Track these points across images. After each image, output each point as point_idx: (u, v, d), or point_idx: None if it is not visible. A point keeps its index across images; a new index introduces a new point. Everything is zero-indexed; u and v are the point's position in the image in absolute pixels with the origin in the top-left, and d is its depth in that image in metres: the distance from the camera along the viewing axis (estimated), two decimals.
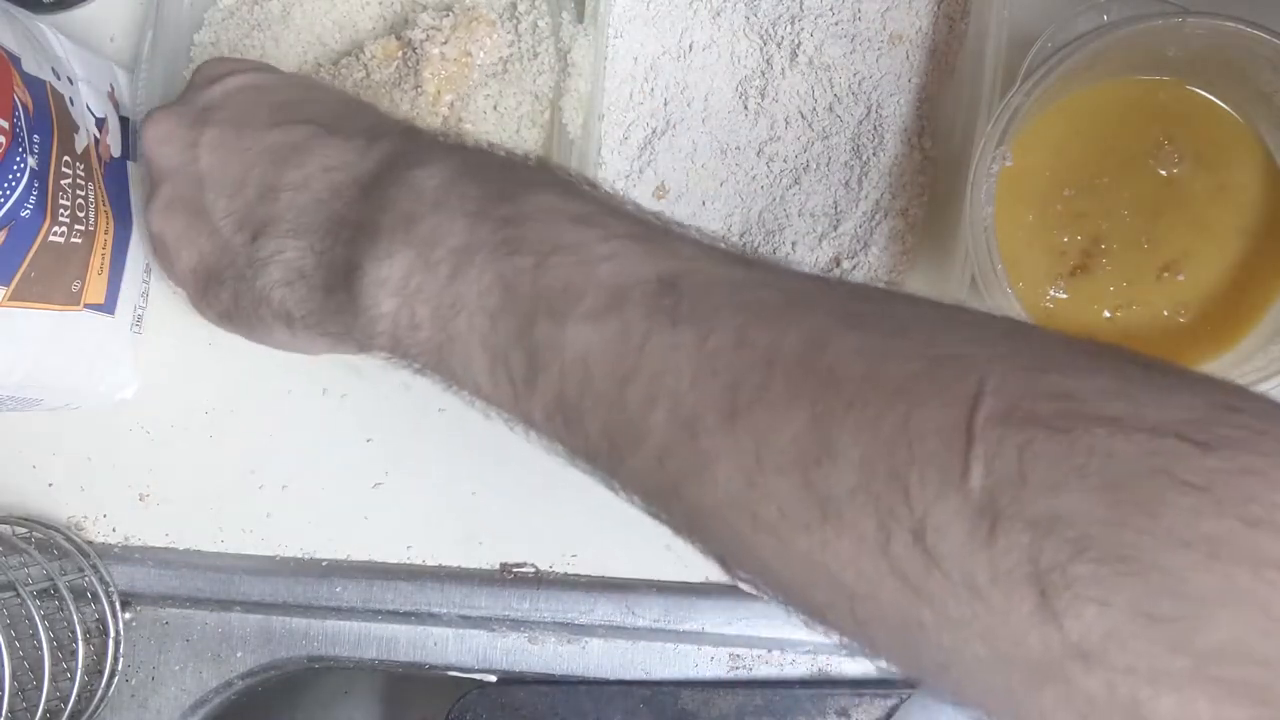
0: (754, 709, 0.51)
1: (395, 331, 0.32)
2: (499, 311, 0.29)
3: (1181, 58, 0.46)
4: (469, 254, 0.30)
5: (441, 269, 0.30)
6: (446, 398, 0.56)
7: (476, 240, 0.30)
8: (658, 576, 0.53)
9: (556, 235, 0.29)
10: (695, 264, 0.29)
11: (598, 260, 0.29)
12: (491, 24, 0.49)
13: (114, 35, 0.57)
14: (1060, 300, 0.48)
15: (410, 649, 0.54)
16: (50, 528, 0.55)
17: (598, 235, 0.29)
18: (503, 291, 0.29)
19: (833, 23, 0.50)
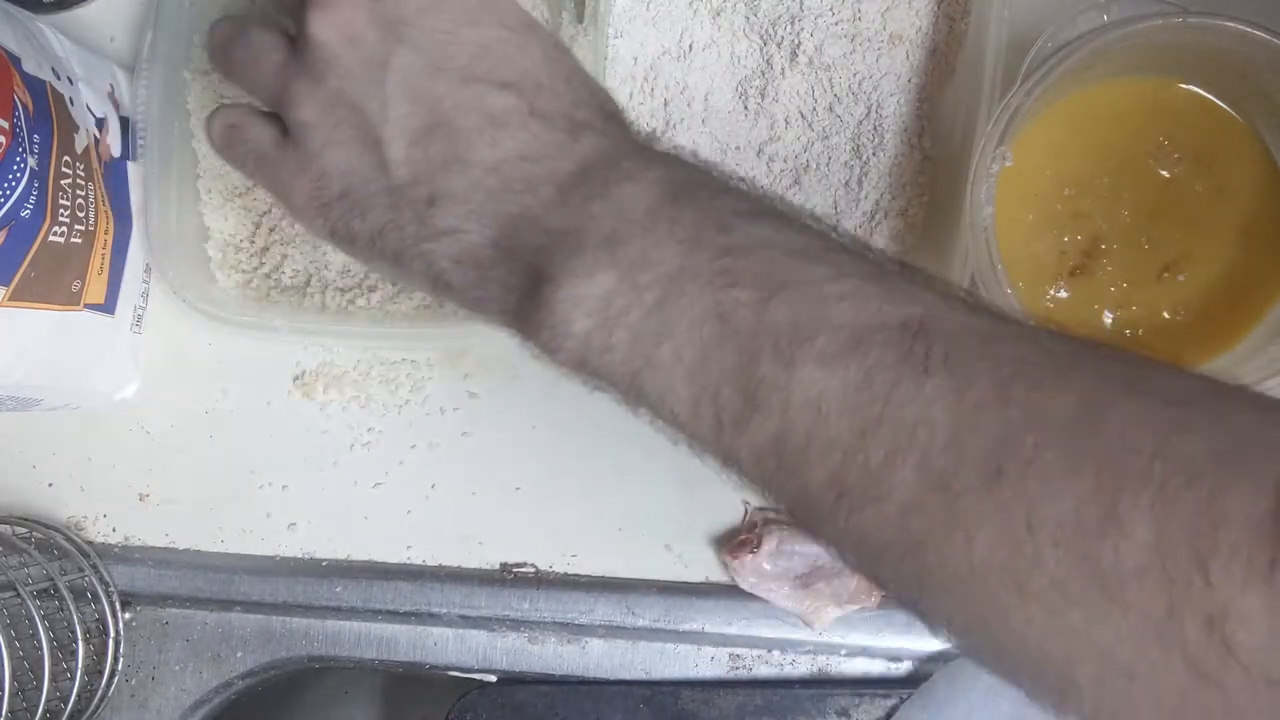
0: (754, 709, 0.51)
1: (584, 351, 0.30)
2: (713, 345, 0.28)
3: (1181, 58, 0.46)
4: (680, 281, 0.28)
5: (648, 295, 0.29)
6: (447, 398, 0.56)
7: (690, 268, 0.28)
8: (658, 576, 0.53)
9: (782, 270, 0.28)
10: (938, 309, 0.27)
11: (831, 299, 0.27)
12: None
13: (114, 35, 0.57)
14: (1060, 300, 0.48)
15: (410, 649, 0.54)
16: (50, 528, 0.55)
17: (827, 273, 0.28)
18: (719, 324, 0.28)
19: (833, 23, 0.50)
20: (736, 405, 0.28)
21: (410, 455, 0.55)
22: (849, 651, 0.51)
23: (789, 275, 0.28)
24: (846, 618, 0.50)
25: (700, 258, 0.29)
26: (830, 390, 0.26)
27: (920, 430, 0.25)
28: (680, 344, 0.28)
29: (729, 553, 0.51)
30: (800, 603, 0.50)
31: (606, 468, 0.53)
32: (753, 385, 0.27)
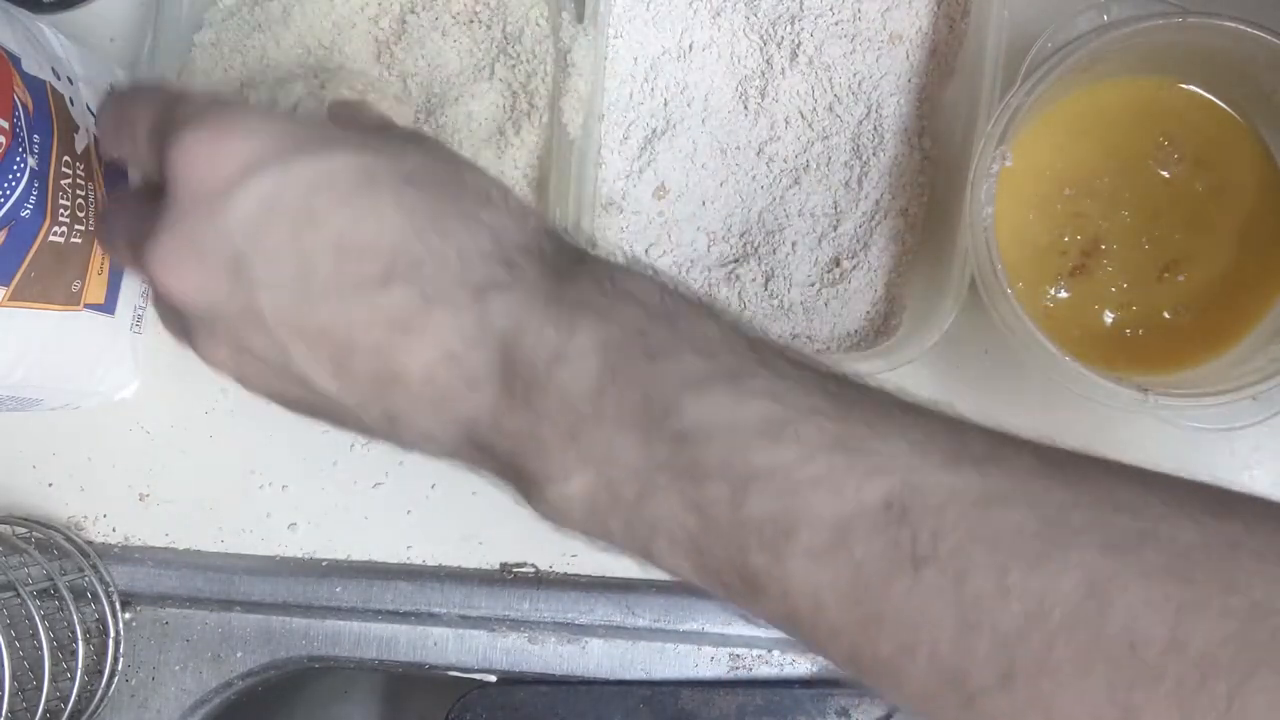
0: (754, 709, 0.51)
1: (589, 535, 0.30)
2: (701, 537, 0.27)
3: (1181, 58, 0.46)
4: (650, 475, 0.27)
5: (625, 490, 0.27)
6: None
7: (654, 461, 0.27)
8: (658, 576, 0.53)
9: (745, 458, 0.26)
10: (916, 474, 0.25)
11: (805, 486, 0.25)
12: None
13: (114, 35, 0.57)
14: (1060, 300, 0.48)
15: (410, 649, 0.54)
16: (50, 528, 0.55)
17: (795, 455, 0.25)
18: (700, 520, 0.27)
19: (833, 23, 0.50)
20: (741, 588, 0.27)
21: (410, 455, 0.54)
22: None
23: (755, 463, 0.26)
24: None
25: (659, 450, 0.27)
26: (824, 585, 0.25)
27: (924, 628, 0.24)
28: (673, 536, 0.27)
29: None
30: None
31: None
32: (749, 573, 0.26)
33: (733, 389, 0.26)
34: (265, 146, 0.28)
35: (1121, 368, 0.47)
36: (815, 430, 0.26)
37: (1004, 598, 0.24)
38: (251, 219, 0.28)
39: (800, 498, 0.25)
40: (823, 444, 0.25)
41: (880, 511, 0.25)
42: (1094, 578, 0.23)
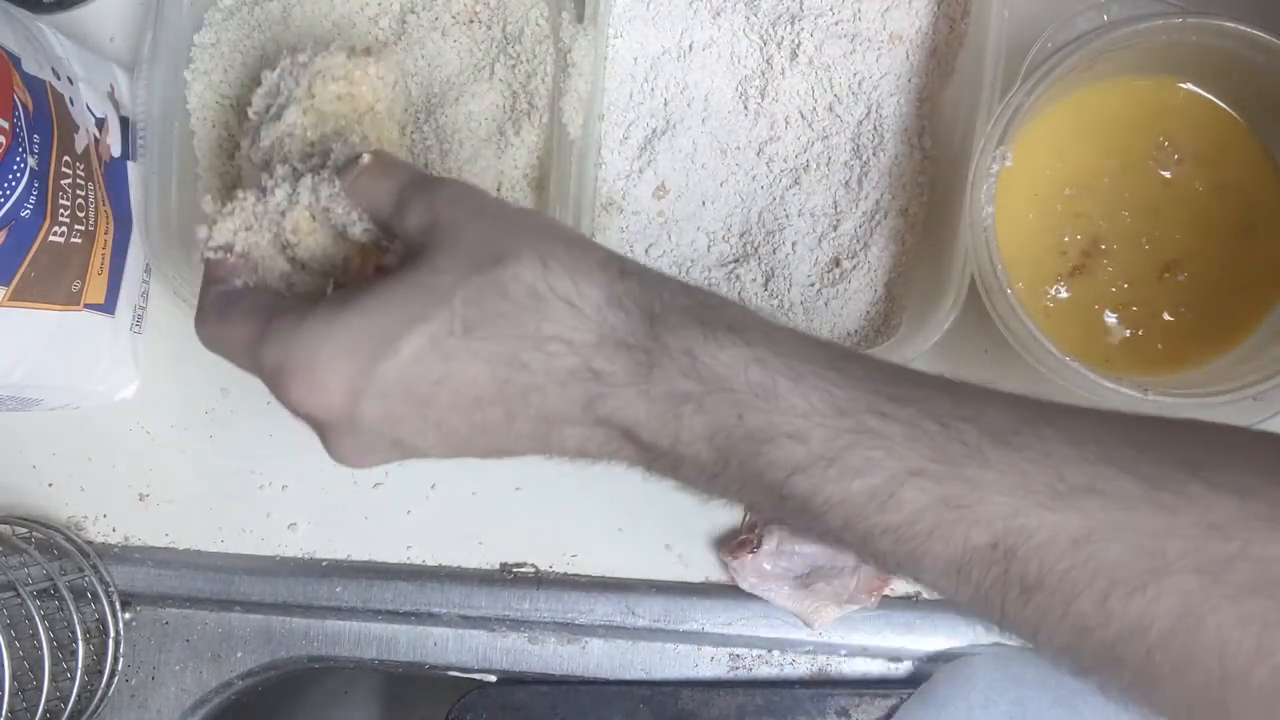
0: (754, 709, 0.51)
1: None
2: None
3: (1181, 58, 0.46)
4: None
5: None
6: None
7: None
8: (658, 576, 0.53)
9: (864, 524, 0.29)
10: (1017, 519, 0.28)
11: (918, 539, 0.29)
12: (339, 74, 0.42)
13: (114, 35, 0.57)
14: (1060, 300, 0.48)
15: (410, 649, 0.54)
16: (50, 528, 0.55)
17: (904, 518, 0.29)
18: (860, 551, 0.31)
19: (833, 23, 0.50)
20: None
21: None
22: (849, 651, 0.51)
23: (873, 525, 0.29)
24: (846, 618, 0.50)
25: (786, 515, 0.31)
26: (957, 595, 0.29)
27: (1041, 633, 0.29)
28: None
29: (729, 553, 0.51)
30: (800, 603, 0.50)
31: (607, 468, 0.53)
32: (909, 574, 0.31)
33: (835, 472, 0.29)
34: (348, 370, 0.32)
35: (1121, 368, 0.47)
36: (917, 493, 0.28)
37: (1107, 619, 0.27)
38: (381, 420, 0.32)
39: (917, 545, 0.29)
40: (929, 506, 0.28)
41: (988, 551, 0.28)
42: (1189, 601, 0.26)
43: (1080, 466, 0.28)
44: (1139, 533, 0.27)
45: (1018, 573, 0.28)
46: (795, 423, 0.29)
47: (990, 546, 0.28)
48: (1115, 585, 0.27)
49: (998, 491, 0.28)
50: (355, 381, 0.31)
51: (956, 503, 0.28)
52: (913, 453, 0.29)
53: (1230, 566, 0.26)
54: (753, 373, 0.30)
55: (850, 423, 0.29)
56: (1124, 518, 0.27)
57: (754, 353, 0.30)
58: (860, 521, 0.29)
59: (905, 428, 0.29)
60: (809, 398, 0.29)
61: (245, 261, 0.38)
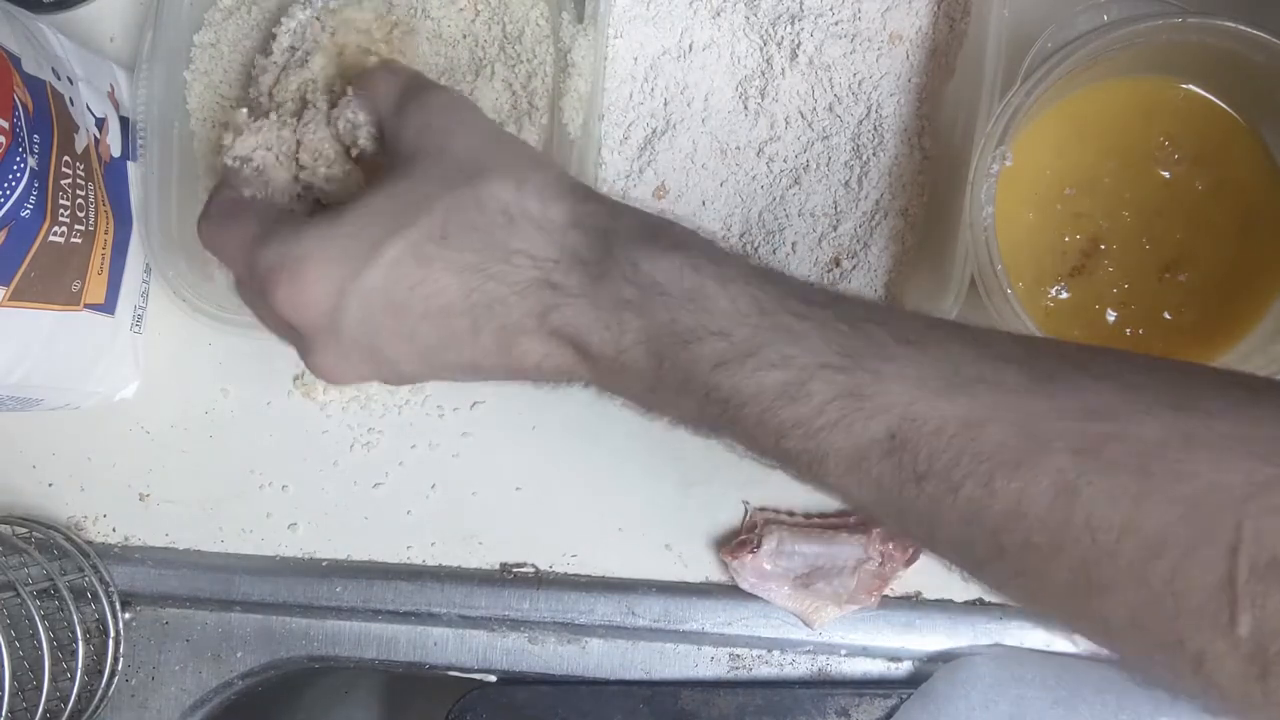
0: (754, 709, 0.51)
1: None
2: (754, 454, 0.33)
3: (1181, 58, 0.46)
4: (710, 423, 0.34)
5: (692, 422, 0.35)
6: (447, 398, 0.56)
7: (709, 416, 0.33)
8: (658, 576, 0.53)
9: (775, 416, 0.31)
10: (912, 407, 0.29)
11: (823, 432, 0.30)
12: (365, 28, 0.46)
13: (114, 35, 0.57)
14: (1060, 300, 0.48)
15: (410, 649, 0.54)
16: (50, 528, 0.55)
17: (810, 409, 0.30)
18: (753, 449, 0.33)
19: (833, 23, 0.50)
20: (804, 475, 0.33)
21: (410, 455, 0.55)
22: (849, 651, 0.51)
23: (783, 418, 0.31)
24: (846, 618, 0.50)
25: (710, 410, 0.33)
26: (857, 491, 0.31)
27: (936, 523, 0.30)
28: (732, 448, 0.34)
29: (729, 553, 0.51)
30: (800, 603, 0.50)
31: (606, 468, 0.53)
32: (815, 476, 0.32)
33: (753, 364, 0.31)
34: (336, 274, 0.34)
35: None
36: (825, 385, 0.30)
37: (990, 500, 0.28)
38: (361, 325, 0.35)
39: (822, 438, 0.30)
40: (834, 396, 0.30)
41: (885, 441, 0.30)
42: (1064, 479, 0.27)
43: (975, 362, 0.30)
44: (1022, 413, 0.28)
45: (910, 461, 0.29)
46: (720, 321, 0.32)
47: (888, 437, 0.29)
48: (998, 466, 0.28)
49: (896, 382, 0.30)
50: (341, 284, 0.34)
51: (859, 392, 0.30)
52: (824, 347, 0.31)
53: (1104, 445, 0.27)
54: (686, 277, 0.32)
55: (770, 321, 0.31)
56: (1009, 400, 0.29)
57: (691, 260, 0.33)
58: (772, 417, 0.31)
59: (819, 327, 0.31)
60: (735, 300, 0.32)
61: (258, 175, 0.41)
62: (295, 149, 0.41)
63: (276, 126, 0.41)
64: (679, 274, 0.32)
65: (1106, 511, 0.27)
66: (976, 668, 0.49)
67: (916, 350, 0.30)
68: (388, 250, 0.34)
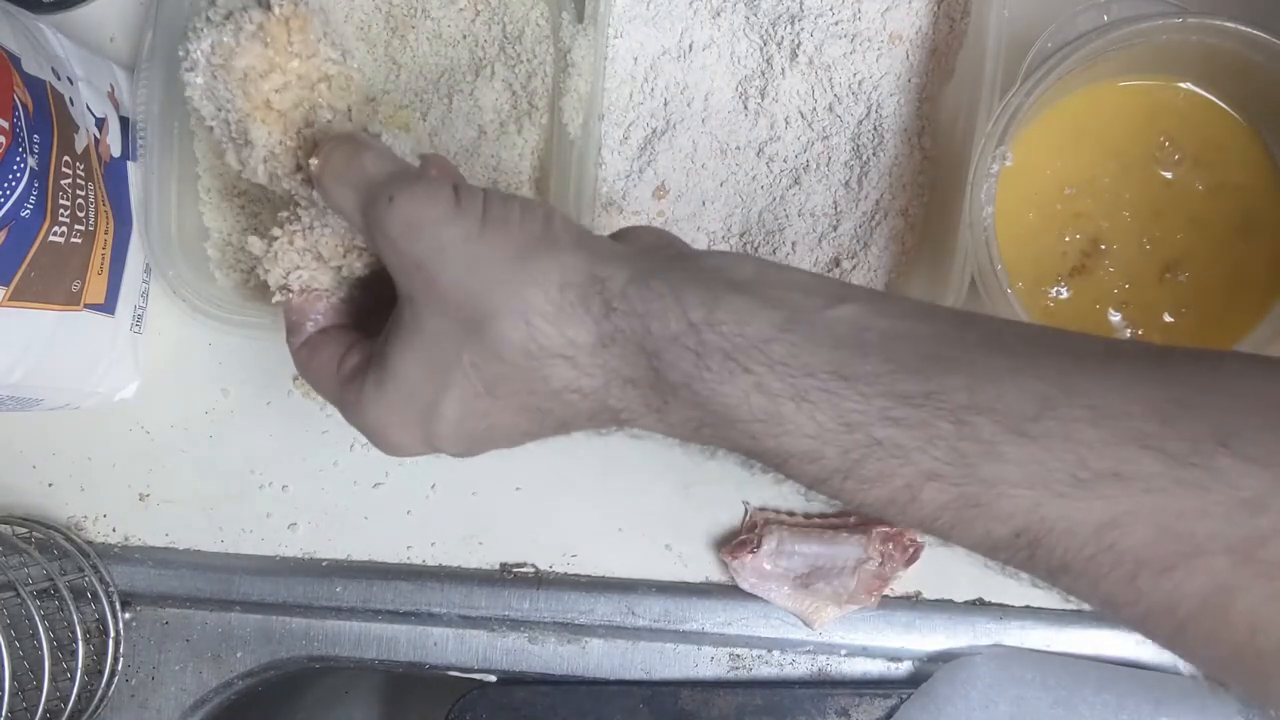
0: (754, 709, 0.51)
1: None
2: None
3: (1181, 58, 0.46)
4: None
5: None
6: None
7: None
8: (658, 576, 0.53)
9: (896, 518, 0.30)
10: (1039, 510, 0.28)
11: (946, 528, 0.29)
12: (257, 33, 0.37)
13: (114, 35, 0.57)
14: (1061, 300, 0.48)
15: (410, 649, 0.54)
16: (50, 528, 0.55)
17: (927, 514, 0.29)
18: None
19: (833, 23, 0.50)
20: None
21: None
22: (849, 651, 0.51)
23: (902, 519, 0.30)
24: (846, 618, 0.50)
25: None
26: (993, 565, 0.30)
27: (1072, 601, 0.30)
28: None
29: (729, 553, 0.51)
30: (800, 603, 0.50)
31: (606, 468, 0.53)
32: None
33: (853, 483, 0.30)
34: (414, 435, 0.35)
35: None
36: (936, 494, 0.29)
37: (1135, 597, 0.27)
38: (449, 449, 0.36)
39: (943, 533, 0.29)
40: (948, 504, 0.29)
41: (1012, 539, 0.28)
42: (1219, 580, 0.26)
43: (1102, 450, 0.27)
44: (1165, 514, 0.27)
45: (1043, 559, 0.28)
46: (805, 443, 0.29)
47: (1014, 536, 0.28)
48: (1142, 567, 0.27)
49: (1015, 486, 0.28)
50: (422, 440, 0.35)
51: (974, 501, 0.28)
52: (927, 458, 0.28)
53: (1261, 544, 0.26)
54: (755, 401, 0.30)
55: (861, 436, 0.29)
56: (1149, 501, 0.27)
57: (753, 380, 0.30)
58: (886, 516, 0.30)
59: (917, 432, 0.28)
60: (815, 417, 0.29)
61: (309, 295, 0.39)
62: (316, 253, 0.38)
63: (289, 241, 0.38)
64: (746, 399, 0.30)
65: (1266, 614, 0.26)
66: (976, 668, 0.49)
67: (1032, 444, 0.27)
68: (446, 409, 0.34)
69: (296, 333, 0.40)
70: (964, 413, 0.28)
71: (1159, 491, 0.27)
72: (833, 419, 0.29)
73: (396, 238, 0.33)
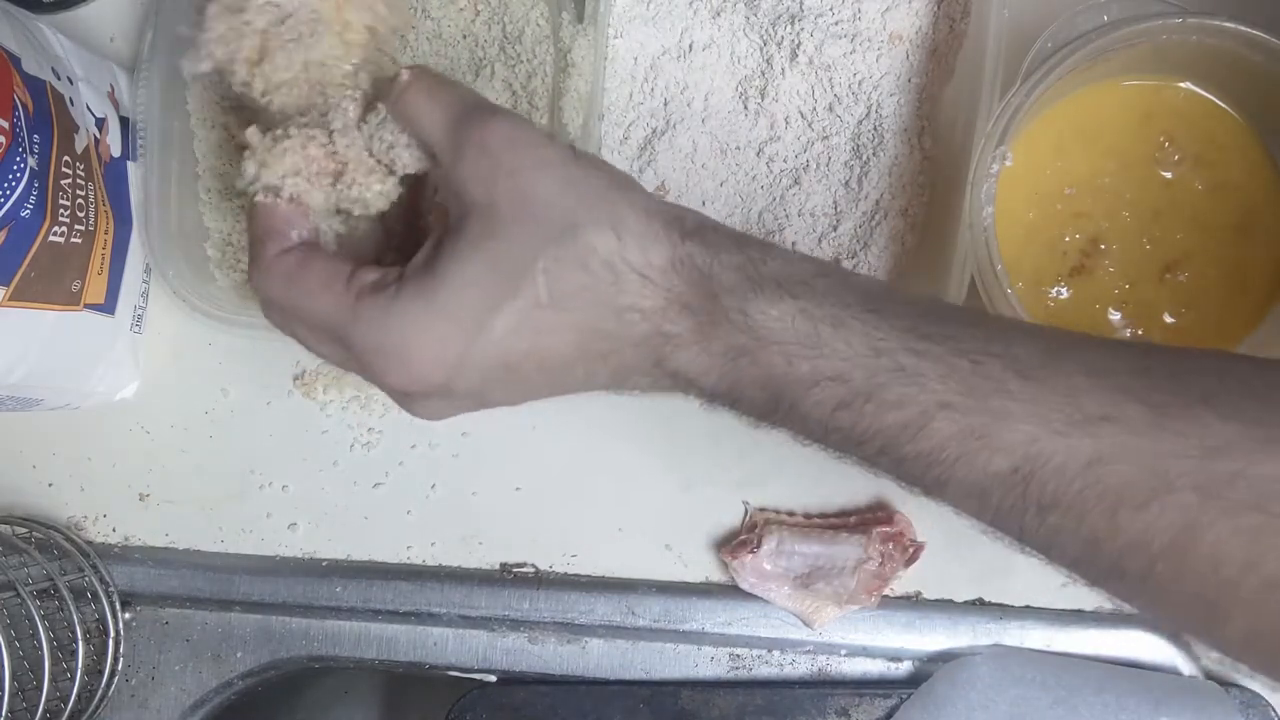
0: (754, 709, 0.51)
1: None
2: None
3: (1181, 58, 0.46)
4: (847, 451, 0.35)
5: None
6: None
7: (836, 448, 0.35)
8: (658, 576, 0.53)
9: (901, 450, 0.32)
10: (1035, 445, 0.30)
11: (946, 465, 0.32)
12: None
13: (114, 35, 0.57)
14: (1061, 300, 0.48)
15: (410, 649, 0.54)
16: (50, 528, 0.55)
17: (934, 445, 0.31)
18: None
19: (833, 23, 0.50)
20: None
21: (410, 455, 0.55)
22: (849, 651, 0.51)
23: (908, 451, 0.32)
24: (846, 618, 0.50)
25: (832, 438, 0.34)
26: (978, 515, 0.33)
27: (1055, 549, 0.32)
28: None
29: (729, 553, 0.51)
30: (800, 603, 0.50)
31: (606, 468, 0.53)
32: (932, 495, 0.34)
33: (872, 407, 0.32)
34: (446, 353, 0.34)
35: None
36: (946, 423, 0.31)
37: (1114, 533, 0.30)
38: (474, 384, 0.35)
39: (944, 469, 0.32)
40: (955, 435, 0.31)
41: (1008, 475, 0.31)
42: (1189, 516, 0.29)
43: (1095, 395, 0.30)
44: (1146, 454, 0.29)
45: (1035, 494, 0.30)
46: (837, 365, 0.32)
47: (1010, 471, 0.30)
48: (1122, 502, 0.29)
49: (1019, 421, 0.30)
50: (452, 361, 0.34)
51: (981, 433, 0.31)
52: (942, 387, 0.31)
53: (1229, 485, 0.29)
54: (799, 324, 0.33)
55: (887, 361, 0.32)
56: (1133, 441, 0.30)
57: (799, 305, 0.33)
58: (894, 449, 0.32)
59: (936, 364, 0.32)
60: (849, 341, 0.32)
61: (298, 207, 0.36)
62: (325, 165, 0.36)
63: (301, 144, 0.35)
64: (790, 322, 0.33)
65: (1229, 548, 0.29)
66: (976, 668, 0.49)
67: (1036, 386, 0.31)
68: (497, 323, 0.34)
69: (274, 238, 0.37)
70: (978, 354, 0.31)
71: (1142, 434, 0.30)
72: (863, 343, 0.32)
73: (497, 148, 0.34)
